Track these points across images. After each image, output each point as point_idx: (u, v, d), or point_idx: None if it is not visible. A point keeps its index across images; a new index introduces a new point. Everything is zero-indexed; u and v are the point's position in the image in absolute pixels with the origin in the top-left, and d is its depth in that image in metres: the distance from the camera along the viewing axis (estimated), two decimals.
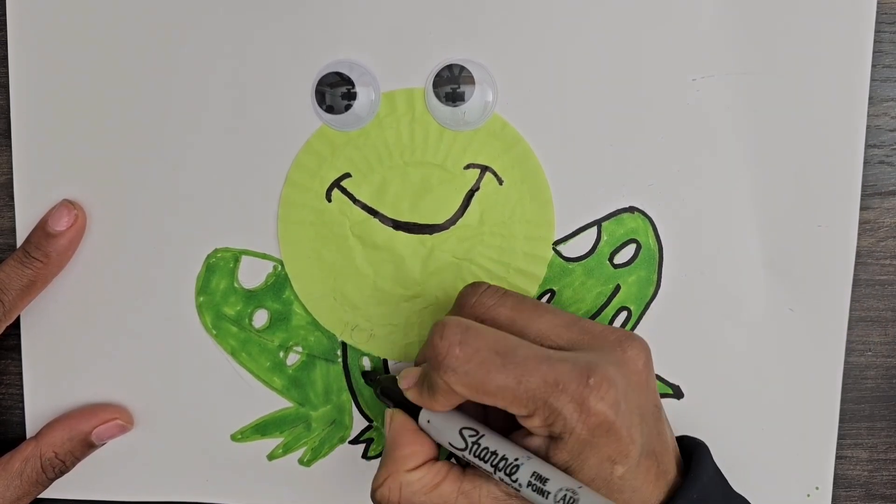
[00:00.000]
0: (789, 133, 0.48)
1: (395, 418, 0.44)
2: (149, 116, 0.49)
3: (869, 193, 0.49)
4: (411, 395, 0.43)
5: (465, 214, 0.48)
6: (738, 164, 0.48)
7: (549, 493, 0.39)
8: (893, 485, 0.51)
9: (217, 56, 0.48)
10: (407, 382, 0.44)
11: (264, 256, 0.49)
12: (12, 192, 0.49)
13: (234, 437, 0.51)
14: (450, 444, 0.42)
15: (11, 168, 0.49)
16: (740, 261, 0.49)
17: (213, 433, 0.51)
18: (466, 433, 0.42)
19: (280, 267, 0.49)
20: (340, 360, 0.50)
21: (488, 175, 0.48)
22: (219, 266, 0.49)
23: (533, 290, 0.49)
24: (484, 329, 0.41)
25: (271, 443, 0.51)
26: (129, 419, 0.50)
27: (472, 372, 0.40)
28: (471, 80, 0.47)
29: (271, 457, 0.51)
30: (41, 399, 0.51)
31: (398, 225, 0.48)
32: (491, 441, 0.41)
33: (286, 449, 0.51)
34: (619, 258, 0.49)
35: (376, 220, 0.48)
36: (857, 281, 0.49)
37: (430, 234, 0.48)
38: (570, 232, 0.49)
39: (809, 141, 0.48)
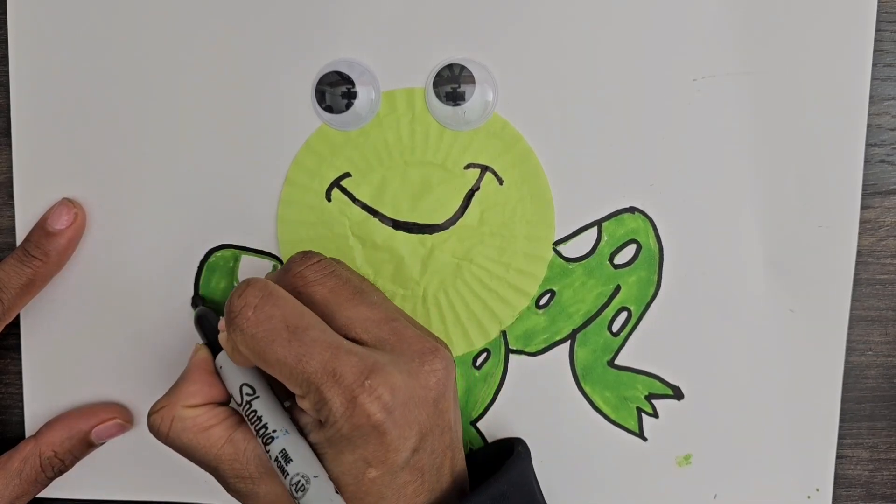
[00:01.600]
0: (790, 133, 0.48)
1: (197, 353, 0.44)
2: (148, 116, 0.48)
3: (870, 192, 0.49)
4: (222, 338, 0.43)
5: (465, 214, 0.48)
6: (739, 163, 0.48)
7: (287, 473, 0.39)
8: (894, 485, 0.51)
9: (217, 55, 0.48)
10: (223, 325, 0.43)
11: (264, 256, 0.49)
12: (12, 190, 0.49)
13: None
14: (231, 396, 0.43)
15: (11, 167, 0.49)
16: (741, 261, 0.49)
17: None
18: (245, 390, 0.42)
19: (280, 266, 0.49)
20: None
21: (488, 175, 0.48)
22: (218, 265, 0.49)
23: (533, 291, 0.49)
24: (285, 299, 0.41)
25: None
26: (128, 418, 0.50)
27: (258, 338, 0.39)
28: (471, 80, 0.47)
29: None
30: (40, 398, 0.51)
31: (398, 225, 0.48)
32: (262, 405, 0.41)
33: None
34: (620, 258, 0.49)
35: (376, 220, 0.48)
36: (858, 280, 0.49)
37: (430, 233, 0.48)
38: (570, 232, 0.49)
39: (810, 141, 0.48)
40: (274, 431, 0.40)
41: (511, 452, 0.46)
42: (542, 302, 0.49)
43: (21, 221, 0.49)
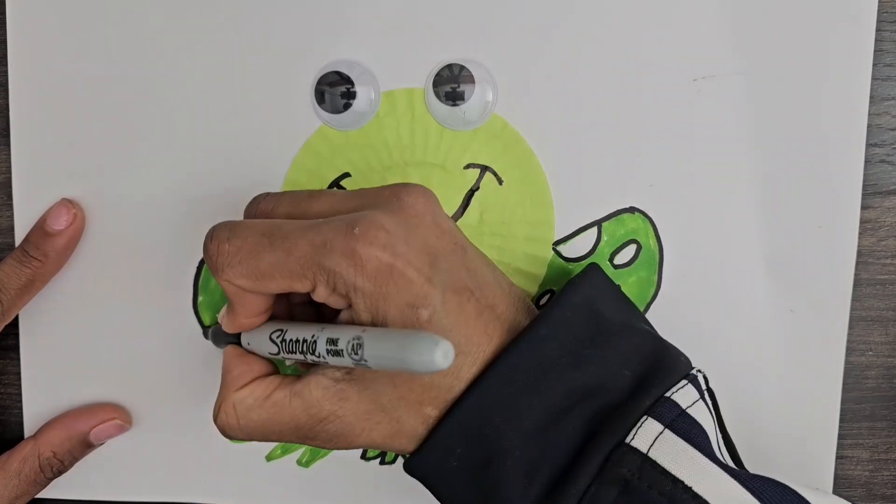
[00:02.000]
0: (790, 133, 0.48)
1: (225, 352, 0.44)
2: (147, 116, 0.48)
3: (870, 193, 0.49)
4: (224, 325, 0.43)
5: (464, 214, 0.48)
6: (738, 164, 0.48)
7: (341, 350, 0.38)
8: (894, 485, 0.51)
9: (216, 55, 0.48)
10: (220, 316, 0.43)
11: None
12: (11, 191, 0.49)
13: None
14: (269, 353, 0.42)
15: (10, 167, 0.49)
16: (741, 261, 0.49)
17: (211, 433, 0.50)
18: (274, 336, 0.42)
19: None
20: None
21: (488, 175, 0.48)
22: None
23: (533, 291, 0.49)
24: (251, 221, 0.40)
25: (270, 443, 0.50)
26: (127, 419, 0.50)
27: (244, 260, 0.39)
28: (471, 80, 0.47)
29: (270, 457, 0.51)
30: (39, 398, 0.51)
31: None
32: (293, 331, 0.41)
33: (284, 450, 0.50)
34: (620, 259, 0.49)
35: None
36: (858, 280, 0.49)
37: None
38: (570, 232, 0.49)
39: (811, 140, 0.48)
40: (313, 336, 0.39)
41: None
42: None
43: (20, 222, 0.49)
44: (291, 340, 0.41)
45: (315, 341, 0.39)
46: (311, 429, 0.41)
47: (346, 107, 0.48)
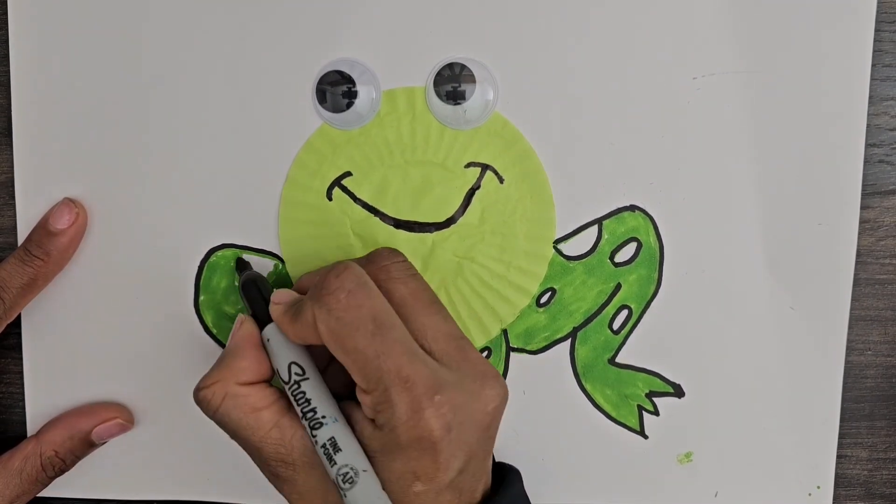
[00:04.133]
0: (790, 131, 0.48)
1: (244, 325, 0.44)
2: (149, 115, 0.49)
3: (869, 192, 0.49)
4: (275, 311, 0.43)
5: (465, 213, 0.48)
6: (738, 162, 0.48)
7: (335, 463, 0.39)
8: (893, 484, 0.51)
9: (217, 54, 0.48)
10: (279, 298, 0.43)
11: (265, 255, 0.49)
12: (13, 190, 0.49)
13: None
14: (277, 371, 0.42)
15: (12, 166, 0.49)
16: (741, 259, 0.49)
17: (213, 432, 0.50)
18: (294, 368, 0.42)
19: (281, 265, 0.49)
20: None
21: (489, 173, 0.48)
22: (220, 265, 0.49)
23: (534, 289, 0.49)
24: (376, 294, 0.41)
25: None
26: (129, 418, 0.50)
27: (343, 321, 0.39)
28: (471, 79, 0.47)
29: None
30: (42, 398, 0.51)
31: (399, 224, 0.48)
32: (311, 387, 0.41)
33: None
34: (620, 256, 0.49)
35: (377, 219, 0.48)
36: (857, 280, 0.49)
37: (431, 232, 0.48)
38: (570, 230, 0.49)
39: (810, 139, 0.48)
40: (323, 417, 0.40)
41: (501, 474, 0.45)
42: (543, 300, 0.49)
43: (22, 221, 0.49)
44: (304, 395, 0.41)
45: (322, 424, 0.40)
46: (266, 460, 0.41)
47: (348, 106, 0.48)
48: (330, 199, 0.48)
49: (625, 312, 0.49)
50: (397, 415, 0.38)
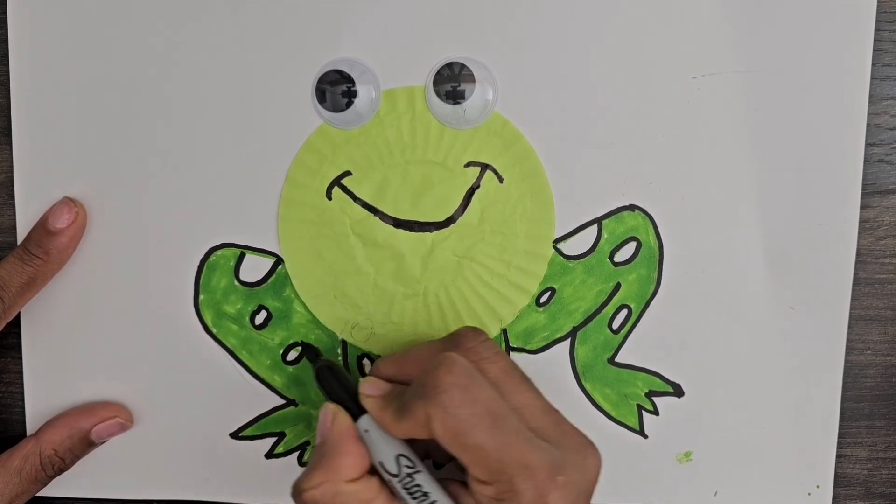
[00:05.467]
0: (790, 131, 0.48)
1: (338, 418, 0.43)
2: (149, 115, 0.49)
3: (868, 192, 0.49)
4: (371, 403, 0.43)
5: (465, 212, 0.48)
6: (738, 162, 0.48)
7: None
8: (893, 483, 0.51)
9: (217, 54, 0.48)
10: (371, 390, 0.43)
11: (265, 254, 0.49)
12: (13, 190, 0.49)
13: (233, 436, 0.51)
14: (381, 463, 0.42)
15: (12, 166, 0.49)
16: (741, 259, 0.49)
17: (212, 431, 0.51)
18: (403, 461, 0.42)
19: (280, 265, 0.49)
20: (340, 358, 0.50)
21: (489, 173, 0.48)
22: (219, 264, 0.49)
23: (533, 288, 0.49)
24: (486, 385, 0.41)
25: (271, 441, 0.51)
26: (129, 417, 0.50)
27: (460, 418, 0.39)
28: (471, 78, 0.47)
29: (271, 455, 0.51)
30: (41, 396, 0.51)
31: (399, 223, 0.48)
32: (425, 480, 0.41)
33: (286, 447, 0.51)
34: (620, 256, 0.49)
35: (377, 219, 0.48)
36: (857, 279, 0.49)
37: (431, 232, 0.48)
38: (570, 230, 0.49)
39: (810, 139, 0.48)
40: None
41: None
42: (543, 300, 0.49)
43: (22, 220, 0.49)
44: (420, 488, 0.41)
45: None
46: None
47: (347, 105, 0.48)
48: (330, 198, 0.48)
49: (624, 312, 0.49)
50: (523, 502, 0.38)
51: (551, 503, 0.38)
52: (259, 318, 0.50)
